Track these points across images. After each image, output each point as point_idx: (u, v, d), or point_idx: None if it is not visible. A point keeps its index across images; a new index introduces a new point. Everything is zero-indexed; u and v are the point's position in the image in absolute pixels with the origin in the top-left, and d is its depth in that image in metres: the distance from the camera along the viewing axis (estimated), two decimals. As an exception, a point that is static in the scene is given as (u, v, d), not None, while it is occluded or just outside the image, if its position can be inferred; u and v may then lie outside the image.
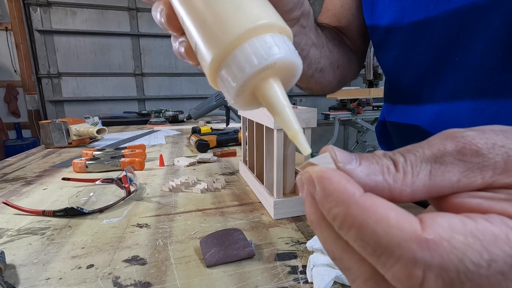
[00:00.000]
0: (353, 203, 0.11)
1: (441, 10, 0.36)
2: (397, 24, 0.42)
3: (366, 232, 0.11)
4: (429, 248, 0.10)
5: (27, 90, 3.25)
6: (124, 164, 0.68)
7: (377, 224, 0.11)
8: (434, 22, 0.37)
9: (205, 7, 0.18)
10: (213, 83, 0.19)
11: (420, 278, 0.10)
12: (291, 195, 0.46)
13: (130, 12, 3.14)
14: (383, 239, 0.11)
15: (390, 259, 0.11)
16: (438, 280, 0.10)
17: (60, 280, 0.29)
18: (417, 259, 0.10)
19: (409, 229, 0.10)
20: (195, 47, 0.19)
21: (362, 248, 0.11)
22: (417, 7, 0.39)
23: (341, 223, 0.12)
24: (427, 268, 0.10)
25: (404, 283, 0.10)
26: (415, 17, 0.39)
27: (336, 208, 0.12)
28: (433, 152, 0.13)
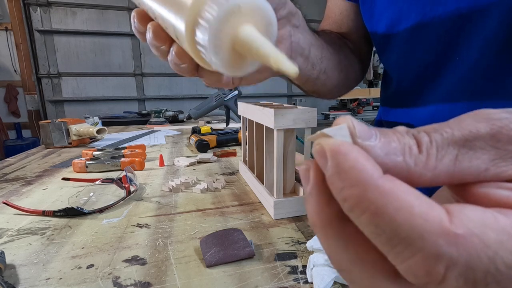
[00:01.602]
0: (372, 185, 0.10)
1: (436, 12, 0.37)
2: (394, 28, 0.42)
3: (384, 219, 0.10)
4: (457, 243, 0.09)
5: (27, 90, 3.25)
6: (124, 164, 0.68)
7: (398, 212, 0.09)
8: (430, 25, 0.38)
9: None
10: (196, 56, 0.19)
11: (441, 275, 0.09)
12: (291, 195, 0.46)
13: (130, 12, 3.14)
14: (403, 228, 0.09)
15: (407, 250, 0.09)
16: (461, 279, 0.09)
17: (60, 280, 0.29)
18: (441, 254, 0.09)
19: (435, 220, 0.09)
20: (175, 34, 0.20)
21: (375, 235, 0.10)
22: (412, 10, 0.39)
23: (354, 206, 0.10)
24: (451, 265, 0.09)
25: (421, 278, 0.09)
26: (411, 20, 0.40)
27: (350, 189, 0.10)
28: (464, 134, 0.11)
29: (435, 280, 0.09)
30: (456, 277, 0.09)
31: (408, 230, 0.09)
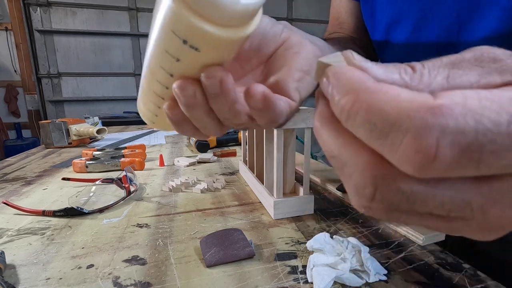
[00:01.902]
0: (364, 88, 0.11)
1: (436, 11, 0.37)
2: (394, 28, 0.42)
3: (374, 111, 0.10)
4: (442, 112, 0.09)
5: (27, 90, 3.25)
6: (124, 164, 0.68)
7: (387, 103, 0.10)
8: (429, 24, 0.38)
9: None
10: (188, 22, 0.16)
11: (434, 148, 0.09)
12: (291, 195, 0.46)
13: (130, 12, 3.14)
14: (391, 114, 0.10)
15: (398, 134, 0.10)
16: (454, 147, 0.09)
17: (60, 280, 0.29)
18: (429, 126, 0.09)
19: (421, 100, 0.10)
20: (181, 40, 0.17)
21: (369, 132, 0.11)
22: (412, 10, 0.39)
23: (349, 110, 0.11)
24: (441, 135, 0.09)
25: (415, 159, 0.10)
26: (410, 20, 0.40)
27: (346, 97, 0.11)
28: (451, 59, 0.13)
29: (429, 156, 0.09)
30: (450, 146, 0.09)
31: (396, 114, 0.10)
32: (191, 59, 0.18)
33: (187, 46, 0.17)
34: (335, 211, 0.44)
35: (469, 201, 0.11)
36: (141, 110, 0.26)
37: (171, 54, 0.18)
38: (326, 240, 0.32)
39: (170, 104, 0.21)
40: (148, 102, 0.24)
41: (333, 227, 0.39)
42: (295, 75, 0.23)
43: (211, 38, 0.16)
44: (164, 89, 0.21)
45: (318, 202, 0.48)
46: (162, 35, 0.17)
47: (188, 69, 0.19)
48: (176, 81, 0.19)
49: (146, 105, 0.25)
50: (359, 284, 0.27)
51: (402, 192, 0.11)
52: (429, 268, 0.30)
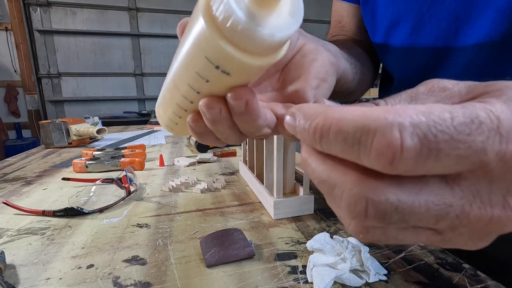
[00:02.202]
0: (329, 109, 0.13)
1: (434, 13, 0.37)
2: (394, 29, 0.43)
3: (344, 122, 0.12)
4: (399, 113, 0.11)
5: (27, 90, 3.25)
6: (124, 164, 0.68)
7: (353, 114, 0.12)
8: (427, 26, 0.38)
9: None
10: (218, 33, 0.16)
11: (399, 140, 0.11)
12: (291, 195, 0.46)
13: (130, 12, 3.14)
14: (359, 121, 0.12)
15: (369, 136, 0.12)
16: (415, 137, 0.11)
17: (60, 280, 0.29)
18: (391, 123, 0.11)
19: (378, 109, 0.12)
20: (213, 64, 0.17)
21: (343, 142, 0.12)
22: (410, 11, 0.40)
23: (322, 128, 0.13)
24: (402, 129, 0.11)
25: (387, 154, 0.11)
26: (409, 21, 0.40)
27: (316, 119, 0.14)
28: (408, 94, 0.16)
29: (396, 148, 0.11)
30: (410, 136, 0.11)
31: (363, 121, 0.12)
32: (221, 81, 0.18)
33: (219, 71, 0.17)
34: (335, 211, 0.44)
35: (450, 204, 0.12)
36: (160, 116, 0.26)
37: (201, 75, 0.18)
38: (326, 240, 0.32)
39: (194, 117, 0.22)
40: (169, 111, 0.24)
41: (333, 227, 0.39)
42: (313, 83, 0.24)
43: (244, 66, 0.17)
44: (188, 103, 0.21)
45: (318, 202, 0.48)
46: (194, 58, 0.18)
47: (215, 89, 0.19)
48: (203, 99, 0.20)
49: (166, 113, 0.25)
50: (359, 284, 0.27)
51: (390, 202, 0.12)
52: (429, 268, 0.30)
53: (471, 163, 0.12)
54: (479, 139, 0.11)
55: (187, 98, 0.21)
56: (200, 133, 0.23)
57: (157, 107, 0.27)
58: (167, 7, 3.23)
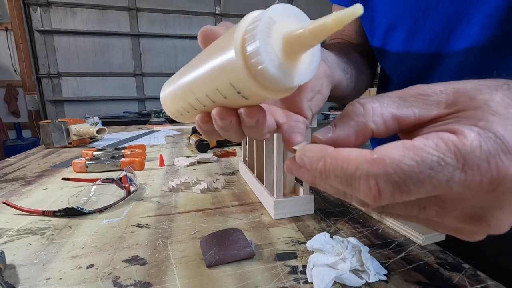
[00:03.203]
0: (326, 155, 0.16)
1: (428, 17, 0.39)
2: (391, 32, 0.44)
3: (338, 170, 0.15)
4: (375, 164, 0.14)
5: (27, 90, 3.25)
6: (124, 164, 0.68)
7: (343, 162, 0.15)
8: (422, 29, 0.40)
9: None
10: (253, 79, 0.18)
11: (375, 187, 0.14)
12: (291, 195, 0.46)
13: (130, 12, 3.14)
14: (348, 169, 0.15)
15: (355, 181, 0.15)
16: (388, 185, 0.14)
17: (60, 280, 0.29)
18: (369, 173, 0.14)
19: (362, 156, 0.15)
20: (235, 89, 0.19)
21: (340, 183, 0.16)
22: (406, 15, 0.41)
23: (324, 172, 0.16)
24: (378, 178, 0.14)
25: (369, 195, 0.15)
26: (405, 25, 0.42)
27: (318, 163, 0.17)
28: (398, 94, 0.18)
29: (375, 192, 0.14)
30: (384, 184, 0.14)
31: (351, 168, 0.15)
32: (238, 101, 0.21)
33: (239, 95, 0.19)
34: (335, 211, 0.44)
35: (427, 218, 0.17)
36: (167, 106, 0.28)
37: (221, 92, 0.20)
38: (326, 240, 0.32)
39: (203, 119, 0.24)
40: (177, 104, 0.26)
41: (333, 227, 0.39)
42: (308, 95, 0.27)
43: (262, 97, 0.19)
44: (201, 106, 0.23)
45: (318, 202, 0.48)
46: (218, 78, 0.19)
47: (230, 104, 0.21)
48: (217, 110, 0.22)
49: (173, 105, 0.27)
50: (359, 284, 0.27)
51: (384, 211, 0.17)
52: (429, 268, 0.30)
53: (441, 191, 0.14)
54: (443, 179, 0.14)
55: (201, 102, 0.23)
56: (207, 131, 0.25)
57: (163, 97, 0.28)
58: (167, 7, 3.23)
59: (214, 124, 0.23)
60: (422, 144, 0.14)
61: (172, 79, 0.27)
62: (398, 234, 0.37)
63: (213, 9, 3.39)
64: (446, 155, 0.14)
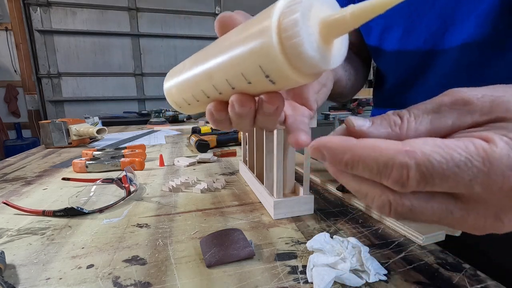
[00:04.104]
0: (354, 146, 0.17)
1: (423, 19, 0.40)
2: (387, 34, 0.46)
3: (369, 161, 0.16)
4: (408, 155, 0.15)
5: (27, 90, 3.25)
6: (124, 164, 0.68)
7: (374, 152, 0.16)
8: (417, 30, 0.41)
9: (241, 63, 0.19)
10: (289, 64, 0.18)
11: (406, 175, 0.15)
12: (291, 195, 0.46)
13: (130, 12, 3.14)
14: (380, 159, 0.16)
15: (387, 170, 0.16)
16: (417, 174, 0.15)
17: (60, 280, 0.29)
18: (402, 163, 0.15)
19: (394, 147, 0.16)
20: (264, 73, 0.19)
21: (369, 173, 0.16)
22: (402, 17, 0.42)
23: (352, 163, 0.17)
24: (409, 168, 0.15)
25: (399, 182, 0.16)
26: (401, 26, 0.43)
27: (345, 155, 0.17)
28: (433, 105, 0.18)
29: (405, 179, 0.15)
30: (414, 173, 0.15)
31: (383, 159, 0.16)
32: (263, 86, 0.20)
33: (267, 79, 0.19)
34: (335, 211, 0.44)
35: (451, 211, 0.17)
36: (172, 95, 0.27)
37: (245, 77, 0.20)
38: (326, 240, 0.32)
39: (217, 107, 0.24)
40: (187, 93, 0.25)
41: (333, 227, 0.39)
42: (316, 87, 0.28)
43: (292, 81, 0.19)
44: (216, 93, 0.23)
45: (318, 202, 0.48)
46: (245, 61, 0.19)
47: (252, 90, 0.21)
48: (237, 96, 0.21)
49: (181, 95, 0.26)
50: (359, 284, 0.27)
51: (406, 205, 0.17)
52: (429, 268, 0.30)
53: (462, 190, 0.15)
54: (467, 178, 0.15)
55: (217, 89, 0.22)
56: (218, 120, 0.25)
57: (169, 86, 0.28)
58: (167, 7, 3.23)
59: (230, 111, 0.23)
60: (453, 145, 0.15)
61: (178, 68, 0.27)
62: (398, 234, 0.37)
63: (213, 9, 3.39)
64: (473, 157, 0.15)
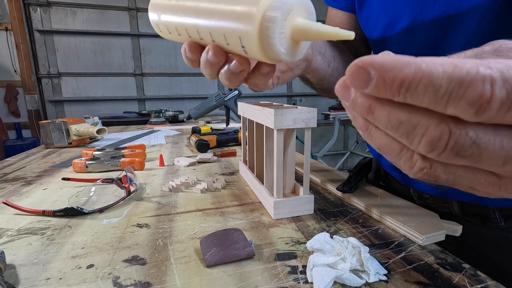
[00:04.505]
0: (415, 60, 0.13)
1: (426, 15, 0.41)
2: (389, 31, 0.46)
3: (437, 76, 0.12)
4: (491, 68, 0.12)
5: (27, 90, 3.25)
6: (124, 164, 0.68)
7: (444, 66, 0.12)
8: (420, 26, 0.41)
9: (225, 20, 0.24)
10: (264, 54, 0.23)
11: (489, 91, 0.12)
12: (291, 195, 0.46)
13: (130, 12, 3.14)
14: (453, 74, 0.12)
15: (462, 87, 0.12)
16: (503, 90, 0.12)
17: (60, 280, 0.29)
18: (485, 76, 0.12)
19: (471, 61, 0.12)
20: (240, 45, 0.23)
21: (433, 95, 0.12)
22: (405, 14, 0.43)
23: (410, 85, 0.13)
24: (493, 82, 0.12)
25: (476, 103, 0.12)
26: (404, 23, 0.43)
27: (403, 71, 0.13)
28: (474, 52, 0.17)
29: (485, 99, 0.12)
30: (499, 90, 0.12)
31: (457, 73, 0.12)
32: (238, 51, 0.25)
33: (242, 49, 0.24)
34: (335, 211, 0.44)
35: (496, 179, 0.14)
36: (157, 17, 0.31)
37: (226, 38, 0.24)
38: (326, 240, 0.32)
39: (192, 47, 0.28)
40: (171, 23, 0.29)
41: (333, 227, 0.39)
42: (282, 67, 0.33)
43: (259, 58, 0.24)
44: (198, 37, 0.27)
45: (318, 202, 0.48)
46: (230, 29, 0.23)
47: (228, 48, 0.26)
48: (215, 47, 0.26)
49: (166, 20, 0.30)
50: (359, 284, 0.27)
51: (470, 136, 0.13)
52: (429, 268, 0.30)
53: None
54: None
55: (200, 35, 0.26)
56: (190, 59, 0.29)
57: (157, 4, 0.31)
58: (167, 7, 3.22)
59: (203, 55, 0.27)
60: None
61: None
62: (398, 234, 0.37)
63: (213, 9, 3.39)
64: None
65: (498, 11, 0.35)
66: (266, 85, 0.30)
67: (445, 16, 0.39)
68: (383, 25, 0.46)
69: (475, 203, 0.44)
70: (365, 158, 0.58)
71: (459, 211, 0.46)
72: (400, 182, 0.54)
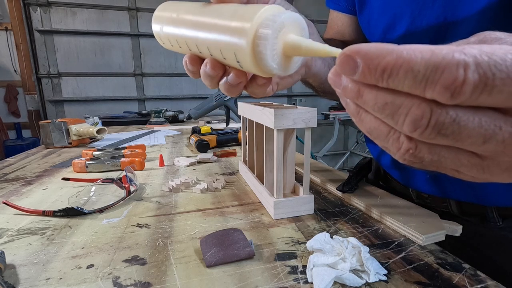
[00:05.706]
0: (396, 48, 0.14)
1: (425, 18, 0.41)
2: (389, 33, 0.46)
3: (415, 62, 0.13)
4: (466, 53, 0.13)
5: (27, 90, 3.25)
6: (124, 164, 0.68)
7: (423, 53, 0.13)
8: (420, 29, 0.42)
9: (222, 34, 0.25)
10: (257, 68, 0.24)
11: (463, 76, 0.13)
12: (291, 195, 0.46)
13: (130, 12, 3.14)
14: (430, 60, 0.13)
15: (437, 72, 0.13)
16: (475, 74, 0.13)
17: (60, 280, 0.29)
18: (459, 61, 0.13)
19: (447, 47, 0.13)
20: (235, 60, 0.25)
21: (412, 80, 0.14)
22: (404, 16, 0.43)
23: (391, 71, 0.14)
24: (467, 67, 0.13)
25: (450, 87, 0.13)
26: (403, 26, 0.44)
27: (385, 59, 0.14)
28: (458, 43, 0.16)
29: (459, 82, 0.13)
30: (472, 74, 0.13)
31: (434, 59, 0.13)
32: (234, 65, 0.26)
33: (238, 63, 0.25)
34: (335, 211, 0.44)
35: (500, 127, 0.14)
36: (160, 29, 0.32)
37: (222, 53, 0.25)
38: (326, 240, 0.32)
39: (193, 60, 0.30)
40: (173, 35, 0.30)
41: (333, 227, 0.39)
42: None
43: (254, 72, 0.25)
44: (197, 50, 0.28)
45: (318, 202, 0.48)
46: (225, 45, 0.24)
47: (226, 63, 0.27)
48: (212, 61, 0.28)
49: (168, 32, 0.31)
50: (359, 284, 0.27)
51: (450, 115, 0.14)
52: (429, 268, 0.30)
53: None
54: None
55: (199, 49, 0.28)
56: (190, 71, 0.30)
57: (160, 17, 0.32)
58: (167, 7, 3.22)
59: (201, 68, 0.29)
60: (510, 47, 0.13)
61: (174, 7, 0.30)
62: (398, 234, 0.37)
63: (213, 9, 3.39)
64: None
65: (497, 14, 0.35)
66: (265, 93, 0.31)
67: (443, 18, 0.39)
68: (383, 27, 0.47)
69: (473, 202, 0.44)
70: (365, 158, 0.58)
71: (457, 211, 0.46)
72: (399, 181, 0.54)
